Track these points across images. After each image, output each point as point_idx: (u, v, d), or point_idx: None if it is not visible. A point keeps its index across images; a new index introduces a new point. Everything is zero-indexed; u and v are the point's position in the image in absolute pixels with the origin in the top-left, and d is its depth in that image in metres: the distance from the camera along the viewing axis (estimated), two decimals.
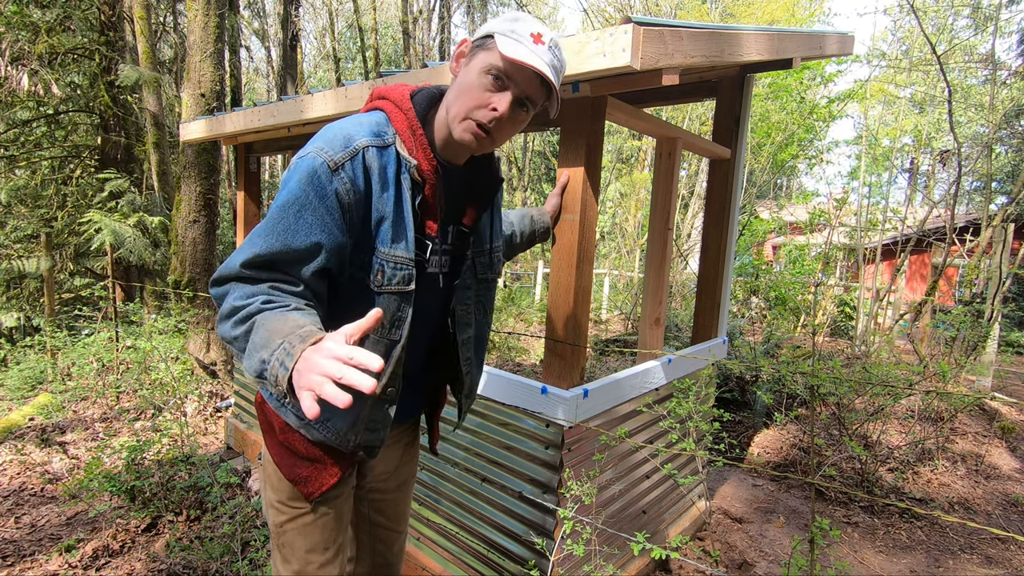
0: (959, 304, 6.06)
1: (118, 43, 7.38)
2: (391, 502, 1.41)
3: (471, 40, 1.07)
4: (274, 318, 0.88)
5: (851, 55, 3.47)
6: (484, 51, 1.03)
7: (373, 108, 1.12)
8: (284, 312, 0.89)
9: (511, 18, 1.04)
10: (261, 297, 0.92)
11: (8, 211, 7.21)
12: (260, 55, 22.32)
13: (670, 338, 5.78)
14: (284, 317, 0.88)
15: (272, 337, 0.84)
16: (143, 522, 2.67)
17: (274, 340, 0.84)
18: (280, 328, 0.85)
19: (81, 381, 4.70)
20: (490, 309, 1.33)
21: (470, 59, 1.05)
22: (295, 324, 0.86)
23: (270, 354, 0.82)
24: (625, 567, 2.15)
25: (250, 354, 0.86)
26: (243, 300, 0.92)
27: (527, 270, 15.25)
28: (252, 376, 0.87)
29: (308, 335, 0.82)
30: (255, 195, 3.50)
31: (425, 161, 1.07)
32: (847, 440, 2.49)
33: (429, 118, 1.11)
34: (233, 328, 0.91)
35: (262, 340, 0.85)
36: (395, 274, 1.06)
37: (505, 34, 1.01)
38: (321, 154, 0.98)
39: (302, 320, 0.87)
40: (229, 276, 0.96)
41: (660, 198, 2.25)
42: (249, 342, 0.87)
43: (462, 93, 1.04)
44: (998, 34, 8.62)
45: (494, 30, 1.02)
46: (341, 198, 0.99)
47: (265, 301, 0.91)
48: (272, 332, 0.85)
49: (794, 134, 7.70)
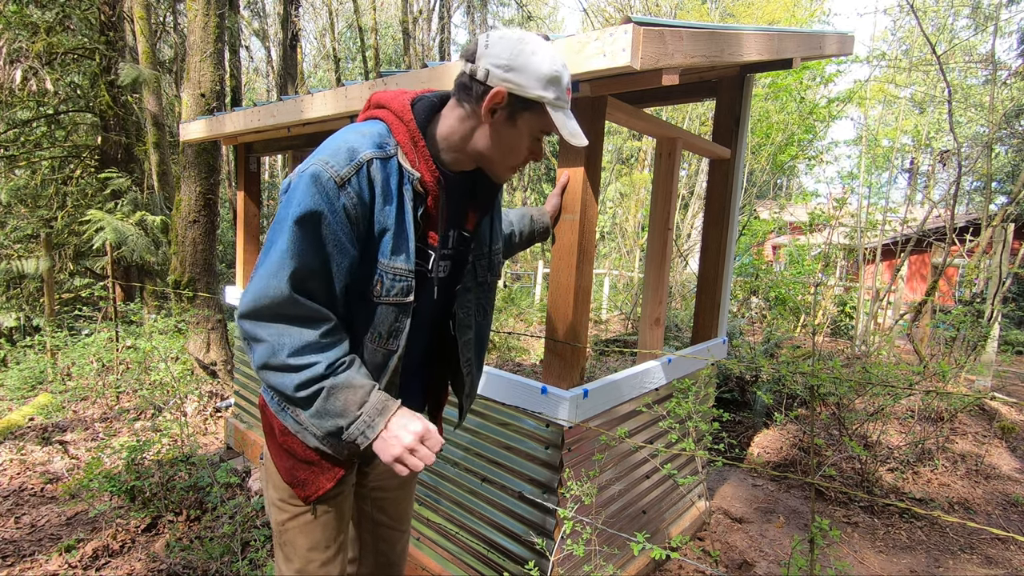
0: (959, 304, 6.06)
1: (118, 43, 7.37)
2: (393, 501, 1.41)
3: (507, 93, 1.02)
4: (343, 386, 1.00)
5: (851, 55, 3.47)
6: (532, 115, 1.06)
7: (373, 117, 1.11)
8: (348, 375, 1.01)
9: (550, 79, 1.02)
10: (320, 360, 0.99)
11: (8, 211, 7.21)
12: (260, 55, 22.33)
13: (670, 338, 5.78)
14: (351, 384, 1.01)
15: (347, 408, 1.00)
16: (143, 522, 2.67)
17: (350, 411, 1.00)
18: (352, 398, 1.00)
19: (81, 381, 4.70)
20: (490, 311, 1.33)
21: (512, 115, 1.05)
22: (364, 392, 1.01)
23: (348, 423, 1.00)
24: (625, 567, 2.15)
25: (321, 416, 1.00)
26: (299, 359, 0.97)
27: (527, 270, 15.25)
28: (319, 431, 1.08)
29: (384, 408, 1.02)
30: (255, 195, 3.50)
31: (428, 172, 1.07)
32: (847, 440, 2.49)
33: (430, 128, 1.11)
34: (296, 390, 0.98)
35: (337, 409, 0.99)
36: (394, 285, 1.06)
37: (555, 106, 1.05)
38: (328, 169, 0.97)
39: (367, 383, 1.02)
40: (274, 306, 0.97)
41: (660, 198, 2.25)
42: (317, 407, 1.00)
43: (509, 150, 1.09)
44: (998, 34, 8.62)
45: (543, 98, 1.03)
46: (349, 212, 0.99)
47: (327, 366, 0.99)
48: (346, 403, 1.00)
49: (794, 134, 7.70)
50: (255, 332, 0.97)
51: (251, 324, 0.98)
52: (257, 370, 1.00)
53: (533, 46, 1.02)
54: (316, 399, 0.98)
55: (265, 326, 0.97)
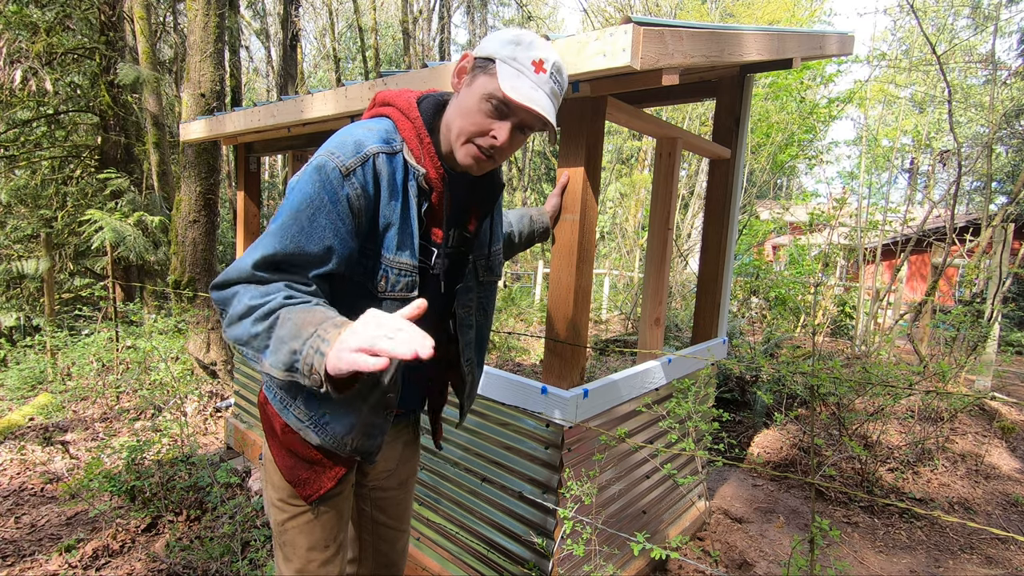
0: (959, 304, 6.05)
1: (118, 43, 7.37)
2: (393, 500, 1.41)
3: (473, 56, 1.05)
4: (300, 310, 0.88)
5: (851, 55, 3.47)
6: (485, 75, 1.01)
7: (379, 114, 1.12)
8: (309, 306, 0.90)
9: (513, 40, 1.01)
10: (280, 294, 0.91)
11: (8, 211, 7.21)
12: (260, 55, 22.33)
13: (670, 338, 5.79)
14: (311, 309, 0.88)
15: (303, 327, 0.85)
16: (143, 522, 2.67)
17: (305, 330, 0.84)
18: (310, 319, 0.86)
19: (81, 381, 4.70)
20: (491, 310, 1.34)
21: (472, 79, 1.04)
22: (324, 315, 0.87)
23: (302, 343, 0.84)
24: (625, 567, 2.15)
25: (276, 348, 0.87)
26: (259, 299, 0.91)
27: (527, 270, 15.26)
28: (279, 371, 0.87)
29: (341, 323, 0.84)
30: (255, 195, 3.50)
31: (433, 169, 1.07)
32: (847, 440, 2.49)
33: (435, 126, 1.11)
34: (253, 325, 0.89)
35: (290, 332, 0.85)
36: (399, 281, 1.07)
37: (507, 61, 1.00)
38: (333, 159, 0.98)
39: (331, 312, 0.89)
40: (237, 278, 0.95)
41: (660, 198, 2.25)
42: (273, 337, 0.88)
43: (463, 114, 1.04)
44: (998, 34, 8.63)
45: (496, 54, 1.00)
46: (352, 203, 0.99)
47: (287, 297, 0.91)
48: (302, 323, 0.85)
49: (794, 134, 7.70)
50: (223, 296, 0.95)
51: (218, 292, 0.96)
52: (226, 329, 0.94)
53: (517, 32, 1.04)
54: (272, 330, 0.88)
55: (232, 288, 0.95)
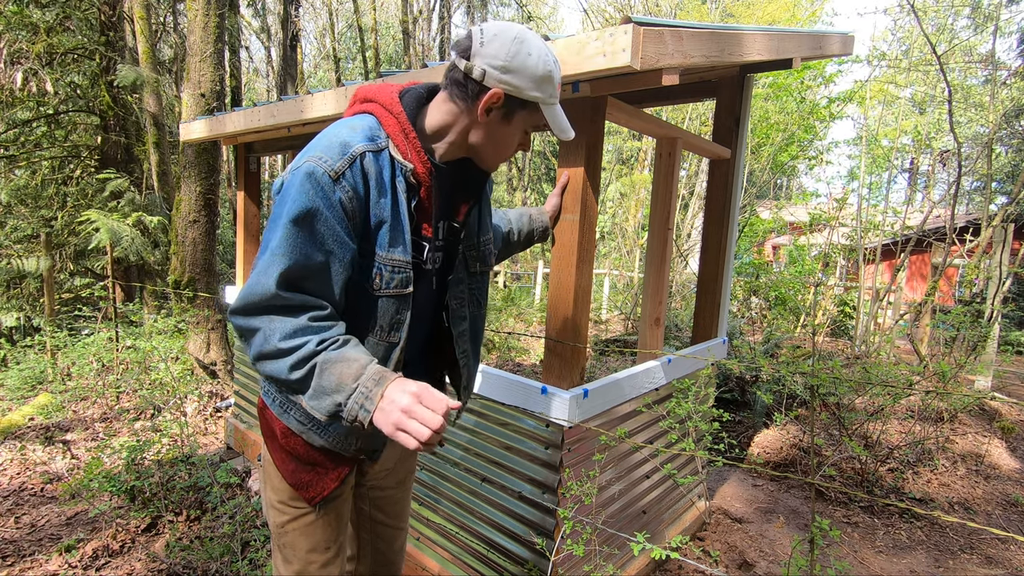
0: (959, 304, 6.05)
1: (118, 43, 7.37)
2: (391, 499, 1.41)
3: (502, 92, 1.04)
4: (336, 360, 0.95)
5: (851, 55, 3.47)
6: (526, 112, 1.09)
7: (361, 111, 1.11)
8: (341, 351, 0.96)
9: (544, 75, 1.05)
10: (311, 338, 0.96)
11: (8, 211, 7.21)
12: (260, 55, 22.33)
13: (670, 338, 5.79)
14: (345, 358, 0.95)
15: (343, 380, 0.93)
16: (143, 522, 2.67)
17: (345, 384, 0.93)
18: (347, 371, 0.94)
19: (81, 381, 4.70)
20: (484, 302, 1.34)
21: (505, 114, 1.08)
22: (359, 365, 0.95)
23: (346, 398, 0.93)
24: (625, 567, 2.15)
25: (317, 396, 0.95)
26: (290, 341, 0.94)
27: (527, 270, 15.26)
28: (321, 415, 0.95)
29: (379, 377, 0.94)
30: (255, 195, 3.50)
31: (420, 164, 1.07)
32: (847, 440, 2.49)
33: (419, 120, 1.11)
34: (290, 372, 0.95)
35: (332, 385, 0.94)
36: (393, 277, 1.07)
37: (547, 103, 1.09)
38: (321, 164, 0.97)
39: (363, 358, 0.96)
40: (263, 303, 0.96)
41: (660, 198, 2.25)
42: (313, 385, 0.95)
43: (503, 145, 1.13)
44: (998, 34, 8.63)
45: (537, 97, 1.06)
46: (345, 206, 0.99)
47: (318, 342, 0.96)
48: (340, 375, 0.94)
49: (794, 134, 7.70)
50: (247, 324, 0.97)
51: (242, 319, 0.97)
52: (253, 362, 0.99)
53: (528, 46, 1.03)
54: (311, 378, 0.95)
55: (255, 318, 0.96)
